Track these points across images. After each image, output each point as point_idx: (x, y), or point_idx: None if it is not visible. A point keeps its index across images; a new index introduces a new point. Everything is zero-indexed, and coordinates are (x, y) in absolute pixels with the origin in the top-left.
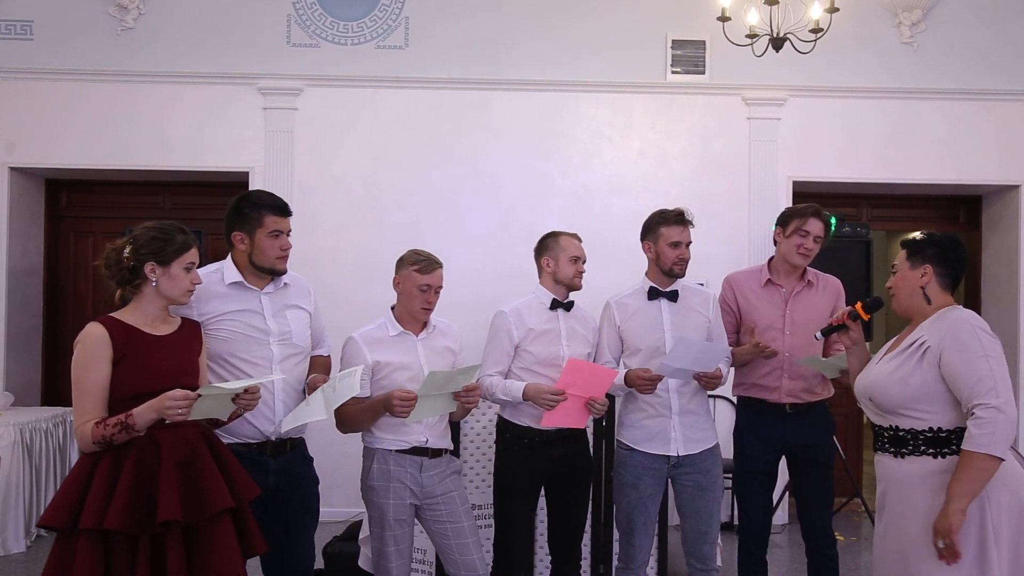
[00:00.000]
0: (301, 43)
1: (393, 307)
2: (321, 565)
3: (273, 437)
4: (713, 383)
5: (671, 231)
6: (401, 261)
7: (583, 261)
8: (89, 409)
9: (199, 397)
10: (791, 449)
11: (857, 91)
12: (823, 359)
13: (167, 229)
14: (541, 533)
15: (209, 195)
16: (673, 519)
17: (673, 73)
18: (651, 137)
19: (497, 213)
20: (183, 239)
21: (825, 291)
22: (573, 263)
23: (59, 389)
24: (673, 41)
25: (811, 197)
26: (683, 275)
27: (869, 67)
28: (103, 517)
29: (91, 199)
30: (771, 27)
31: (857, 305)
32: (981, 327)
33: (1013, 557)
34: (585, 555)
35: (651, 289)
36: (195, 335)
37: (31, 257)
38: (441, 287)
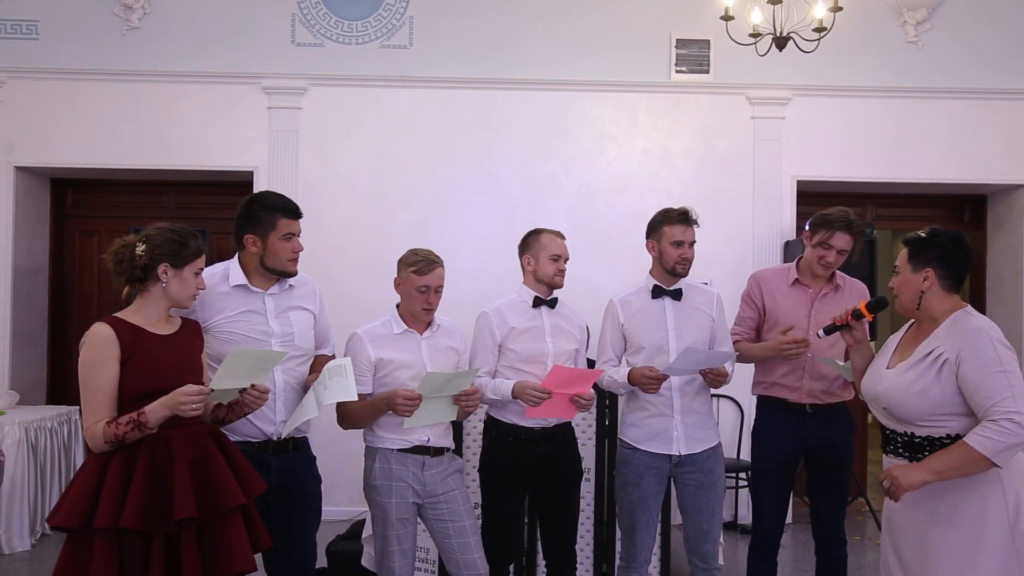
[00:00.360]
0: (305, 42)
1: (398, 305)
2: (324, 564)
3: (274, 437)
4: (719, 380)
5: (674, 230)
6: (400, 262)
7: (565, 259)
8: (99, 409)
9: (212, 392)
10: (810, 449)
11: (862, 90)
12: (841, 363)
13: (183, 233)
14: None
15: (214, 194)
16: (676, 518)
17: (677, 72)
18: (655, 136)
19: (501, 212)
20: (196, 245)
21: (851, 294)
22: (553, 261)
23: (64, 388)
24: (677, 40)
25: (815, 196)
26: (686, 274)
27: (874, 66)
28: (118, 516)
29: (96, 198)
30: (774, 26)
31: (861, 304)
32: (999, 338)
33: None
34: (588, 554)
35: (655, 287)
36: (196, 334)
37: (36, 256)
38: (442, 287)
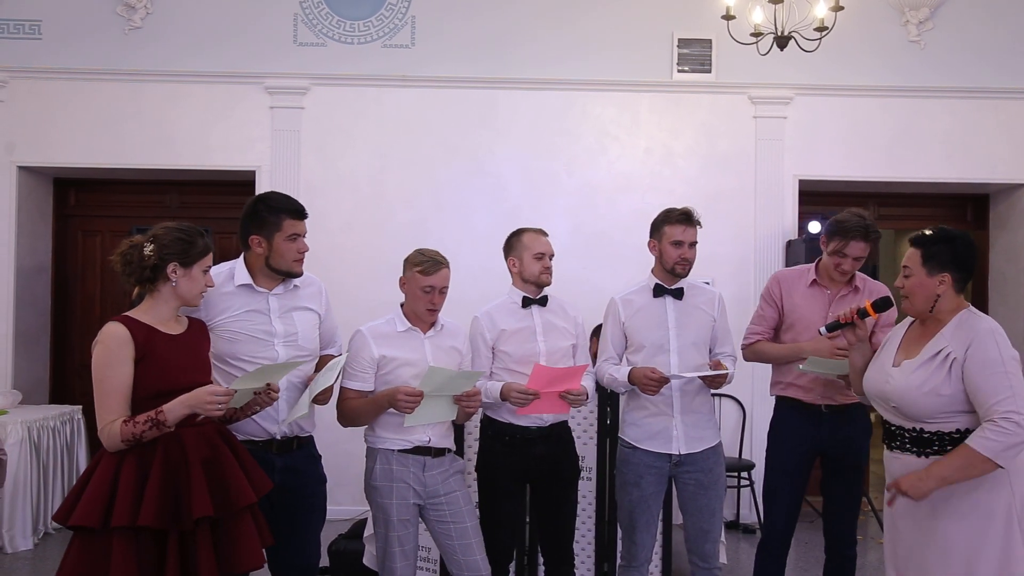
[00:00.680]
0: (308, 42)
1: (402, 304)
2: (326, 563)
3: (278, 436)
4: (718, 381)
5: (674, 230)
6: (406, 261)
7: (550, 256)
8: (115, 408)
9: (235, 393)
10: (825, 450)
11: (864, 90)
12: (826, 360)
13: (190, 231)
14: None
15: (216, 194)
16: (677, 517)
17: (679, 72)
18: (657, 136)
19: (503, 212)
20: (204, 243)
21: (871, 298)
22: (538, 260)
23: (67, 387)
24: (679, 40)
25: (817, 196)
26: (685, 275)
27: (876, 66)
28: (136, 515)
29: (98, 198)
30: (776, 26)
31: (866, 303)
32: (1004, 340)
33: None
34: (589, 553)
35: (656, 286)
36: (203, 334)
37: (39, 256)
38: (446, 287)
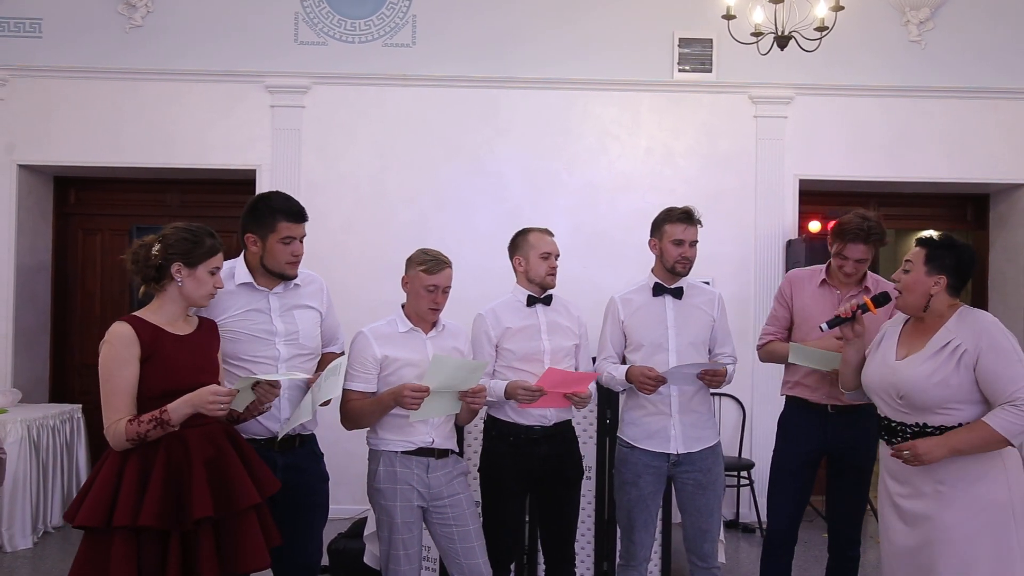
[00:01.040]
0: (309, 41)
1: (404, 304)
2: (326, 562)
3: (280, 434)
4: (717, 380)
5: (674, 228)
6: (409, 261)
7: (556, 256)
8: (120, 407)
9: (237, 392)
10: (830, 450)
11: (864, 89)
12: (812, 351)
13: (197, 232)
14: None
15: (217, 193)
16: (676, 517)
17: (680, 71)
18: (658, 135)
19: (504, 211)
20: (211, 243)
21: None
22: (544, 260)
23: (67, 386)
24: (680, 39)
25: (818, 195)
26: (686, 274)
27: (876, 66)
28: (137, 514)
29: (99, 196)
30: (776, 25)
31: (865, 299)
32: (1006, 330)
33: None
34: (588, 552)
35: (656, 285)
36: (213, 334)
37: (39, 254)
38: (449, 287)
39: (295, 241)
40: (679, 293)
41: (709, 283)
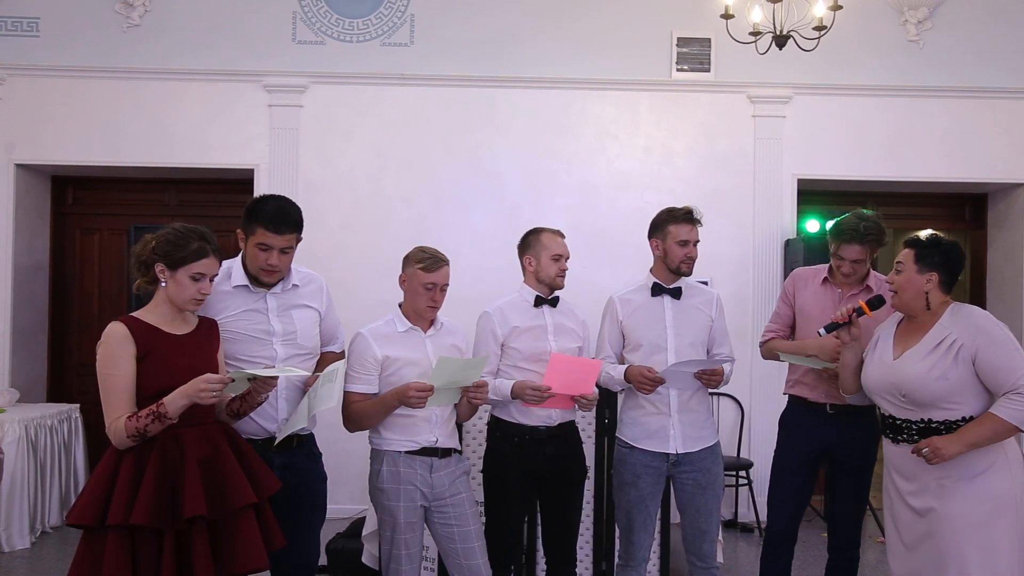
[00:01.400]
0: (307, 40)
1: (401, 304)
2: (324, 561)
3: (277, 434)
4: (715, 380)
5: (680, 229)
6: (407, 259)
7: (566, 258)
8: (120, 406)
9: (232, 382)
10: (831, 451)
11: (862, 89)
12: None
13: (184, 234)
14: (539, 536)
15: (214, 192)
16: (675, 517)
17: (678, 71)
18: (656, 135)
19: (502, 210)
20: (197, 247)
21: None
22: (555, 261)
23: (64, 386)
24: (678, 39)
25: (817, 195)
26: (690, 274)
27: (874, 65)
28: (129, 513)
29: (97, 196)
30: (775, 25)
31: (860, 302)
32: (998, 321)
33: None
34: (587, 552)
35: (655, 285)
36: (213, 333)
37: (37, 254)
38: (447, 285)
39: (272, 251)
40: (678, 293)
41: (707, 283)
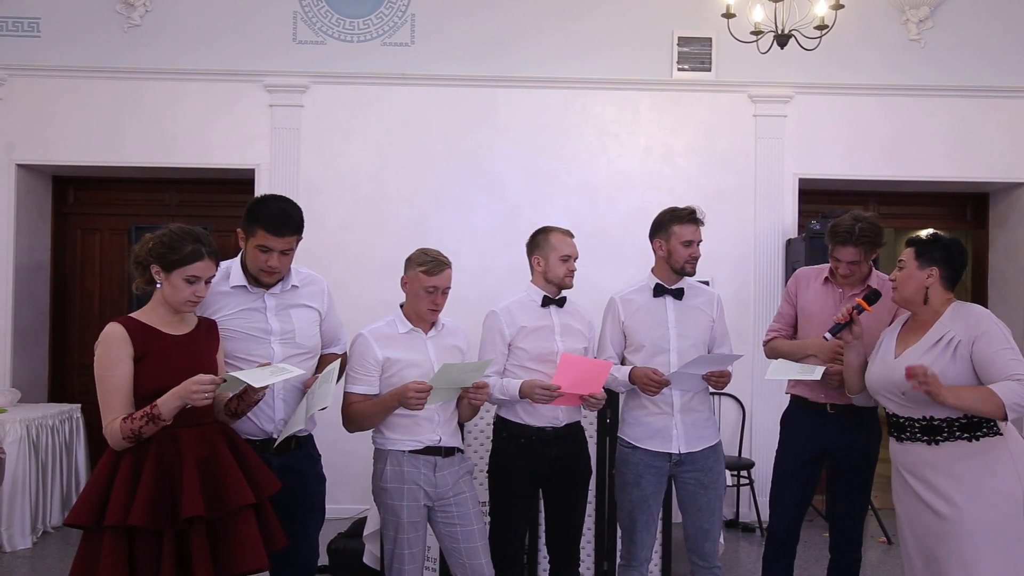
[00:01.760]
0: (307, 40)
1: (402, 304)
2: (325, 561)
3: (275, 435)
4: (721, 382)
5: (684, 229)
6: (409, 261)
7: (575, 259)
8: (116, 407)
9: (223, 382)
10: (832, 451)
11: (864, 88)
12: (789, 365)
13: (179, 236)
14: (540, 536)
15: (215, 192)
16: (677, 516)
17: (679, 70)
18: (657, 134)
19: (503, 210)
20: (192, 250)
21: (884, 298)
22: (564, 262)
23: (65, 386)
24: (679, 38)
25: (818, 195)
26: (694, 274)
27: (876, 64)
28: (126, 514)
29: (98, 196)
30: (776, 24)
31: (857, 299)
32: (996, 318)
33: None
34: (589, 552)
35: (657, 286)
36: (212, 333)
37: (38, 254)
38: (449, 288)
39: (272, 253)
40: (680, 294)
41: (708, 282)
